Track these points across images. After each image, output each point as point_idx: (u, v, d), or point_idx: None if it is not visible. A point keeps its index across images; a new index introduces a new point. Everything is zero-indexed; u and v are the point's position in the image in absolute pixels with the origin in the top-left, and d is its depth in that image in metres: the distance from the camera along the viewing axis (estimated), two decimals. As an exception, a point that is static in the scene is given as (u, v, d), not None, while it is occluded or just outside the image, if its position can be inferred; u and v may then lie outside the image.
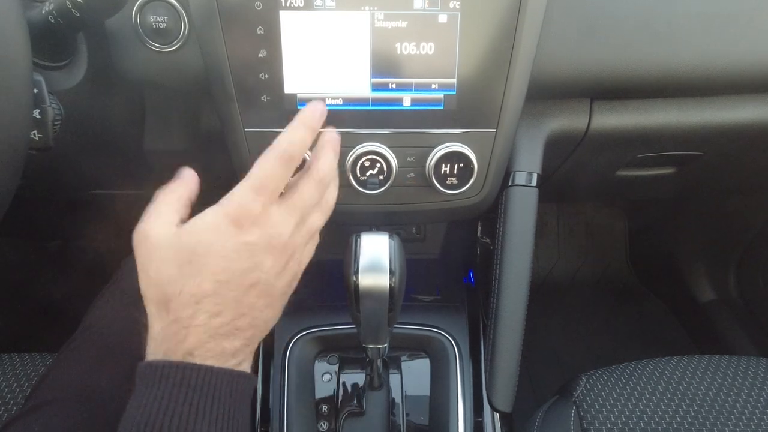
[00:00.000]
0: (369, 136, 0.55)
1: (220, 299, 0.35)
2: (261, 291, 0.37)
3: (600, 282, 1.41)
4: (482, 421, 0.69)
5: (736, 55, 0.55)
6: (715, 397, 0.61)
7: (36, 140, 0.44)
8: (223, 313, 0.35)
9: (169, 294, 0.35)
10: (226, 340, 0.35)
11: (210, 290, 0.35)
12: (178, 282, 0.35)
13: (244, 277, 0.36)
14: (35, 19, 0.44)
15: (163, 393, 0.33)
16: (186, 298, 0.35)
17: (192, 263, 0.35)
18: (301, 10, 0.50)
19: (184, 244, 0.36)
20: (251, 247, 0.36)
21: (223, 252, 0.35)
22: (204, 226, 0.36)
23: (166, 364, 0.34)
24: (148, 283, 0.37)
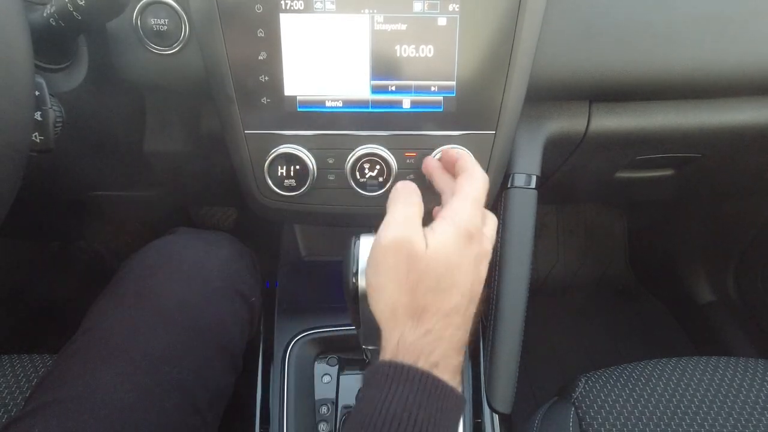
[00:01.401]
0: (369, 138, 0.56)
1: (464, 312, 0.37)
2: (475, 303, 0.39)
3: (599, 283, 1.41)
4: (481, 422, 0.69)
5: (734, 57, 0.56)
6: (714, 398, 0.61)
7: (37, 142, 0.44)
8: (463, 327, 0.37)
9: (425, 305, 0.37)
10: (459, 355, 0.37)
11: (457, 304, 0.37)
12: (434, 294, 0.37)
13: (476, 291, 0.39)
14: (37, 21, 0.44)
15: (406, 394, 0.34)
16: (440, 310, 0.37)
17: (446, 277, 0.37)
18: (301, 12, 0.50)
19: (441, 257, 0.37)
20: (478, 257, 0.39)
21: (465, 265, 0.38)
22: (451, 242, 0.38)
23: (414, 369, 0.35)
24: (403, 292, 0.37)
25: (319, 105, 0.54)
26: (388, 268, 0.38)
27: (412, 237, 0.38)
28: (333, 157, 0.56)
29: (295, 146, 0.55)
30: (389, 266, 0.38)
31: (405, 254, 0.37)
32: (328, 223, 0.66)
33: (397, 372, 0.35)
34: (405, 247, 0.38)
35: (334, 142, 0.56)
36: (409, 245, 0.38)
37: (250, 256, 0.68)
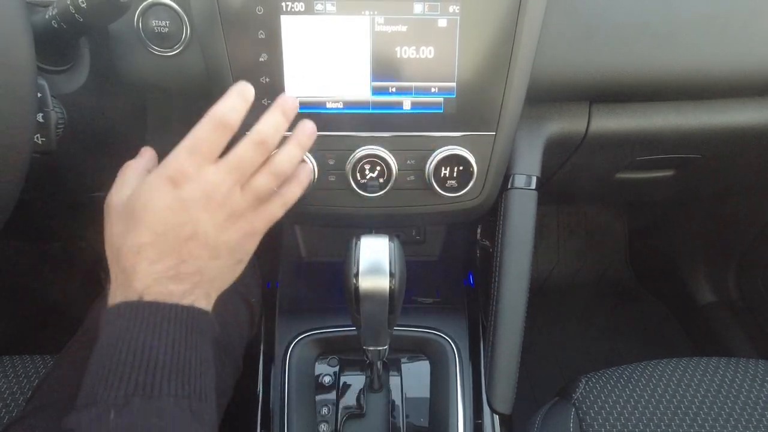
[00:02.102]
0: (369, 139, 0.56)
1: (158, 248, 0.39)
2: (201, 243, 0.41)
3: (600, 284, 1.41)
4: (482, 422, 0.69)
5: (734, 58, 0.56)
6: (715, 399, 0.61)
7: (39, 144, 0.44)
8: (162, 260, 0.39)
9: (117, 248, 0.40)
10: (172, 283, 0.39)
11: (148, 241, 0.39)
12: (122, 236, 0.40)
13: (180, 230, 0.40)
14: (39, 23, 0.44)
15: (122, 328, 0.37)
16: (128, 249, 0.39)
17: (133, 219, 0.40)
18: (301, 14, 0.50)
19: (129, 204, 0.41)
20: (185, 202, 0.40)
21: (158, 207, 0.40)
22: (145, 187, 0.41)
23: (121, 305, 0.38)
24: (106, 244, 0.42)
25: (319, 106, 0.54)
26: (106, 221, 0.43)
27: (108, 199, 0.43)
28: (333, 158, 0.56)
29: None
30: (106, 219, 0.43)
31: (105, 214, 0.43)
32: (328, 223, 0.66)
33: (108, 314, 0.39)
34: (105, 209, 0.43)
35: (334, 143, 0.56)
36: (106, 206, 0.43)
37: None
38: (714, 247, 1.23)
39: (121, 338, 0.37)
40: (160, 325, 0.37)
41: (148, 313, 0.37)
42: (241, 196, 0.42)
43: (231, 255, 0.43)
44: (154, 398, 0.35)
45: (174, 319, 0.38)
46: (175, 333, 0.38)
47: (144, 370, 0.36)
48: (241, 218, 0.43)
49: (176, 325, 0.38)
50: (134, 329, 0.37)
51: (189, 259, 0.40)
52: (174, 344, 0.37)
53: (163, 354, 0.37)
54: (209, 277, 0.42)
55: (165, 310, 0.38)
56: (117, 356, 0.36)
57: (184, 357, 0.37)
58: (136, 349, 0.36)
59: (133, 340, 0.36)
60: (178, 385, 0.36)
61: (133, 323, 0.37)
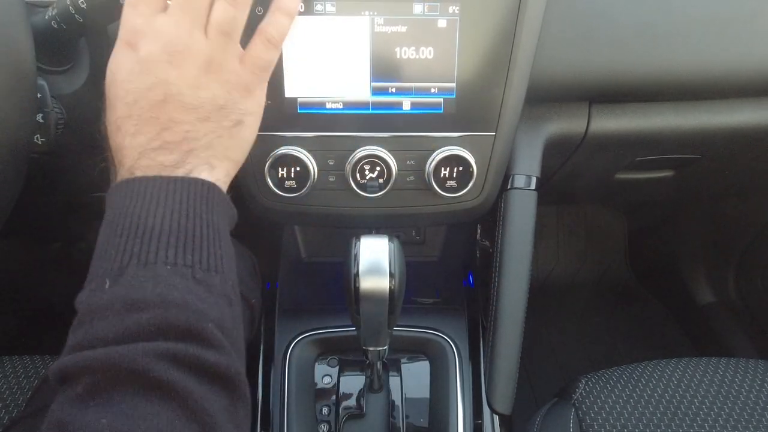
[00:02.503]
0: (369, 139, 0.56)
1: (134, 119, 0.37)
2: (176, 104, 0.37)
3: (599, 284, 1.41)
4: (482, 423, 0.69)
5: (733, 58, 0.56)
6: (714, 399, 0.61)
7: (39, 144, 0.44)
8: (141, 131, 0.37)
9: (108, 132, 0.39)
10: (160, 155, 0.37)
11: (123, 113, 0.37)
12: (107, 119, 0.39)
13: (149, 93, 0.37)
14: (39, 24, 0.44)
15: (119, 205, 0.36)
16: (111, 128, 0.38)
17: (108, 96, 0.38)
18: (301, 14, 0.50)
19: (106, 84, 0.39)
20: (146, 62, 0.37)
21: (122, 76, 0.37)
22: (110, 62, 0.39)
23: (115, 185, 0.37)
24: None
25: (319, 107, 0.54)
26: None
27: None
28: (333, 158, 0.56)
29: (296, 148, 0.55)
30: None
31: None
32: (328, 224, 0.66)
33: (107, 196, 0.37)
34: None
35: (334, 143, 0.56)
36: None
37: (250, 258, 0.68)
38: (714, 247, 1.23)
39: (119, 214, 0.35)
40: (152, 196, 0.35)
41: (142, 186, 0.36)
42: (205, 40, 0.38)
43: (223, 114, 0.39)
44: (149, 265, 0.33)
45: (170, 189, 0.36)
46: (173, 203, 0.35)
47: (140, 240, 0.34)
48: (219, 68, 0.38)
49: (173, 195, 0.36)
50: (131, 204, 0.35)
51: (171, 126, 0.37)
52: (172, 214, 0.35)
53: (159, 224, 0.35)
54: (204, 143, 0.38)
55: (159, 182, 0.36)
56: (115, 231, 0.35)
57: (185, 227, 0.35)
58: (132, 222, 0.34)
59: (129, 214, 0.35)
60: (178, 254, 0.34)
61: (129, 199, 0.35)
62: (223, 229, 0.38)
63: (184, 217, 0.35)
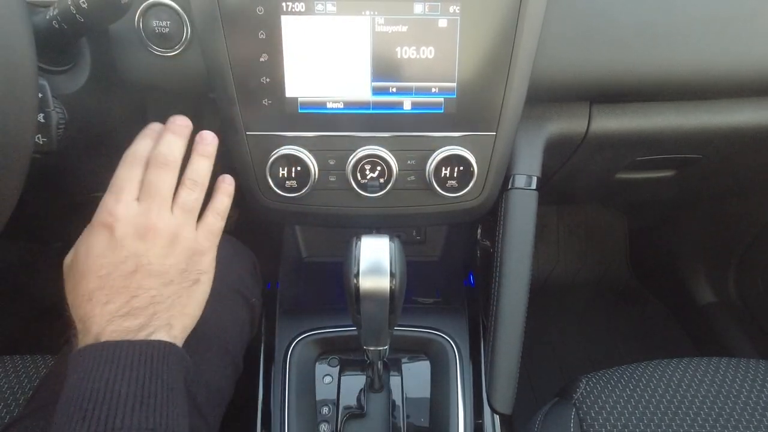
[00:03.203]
0: (369, 139, 0.56)
1: (106, 290, 0.41)
2: (145, 273, 0.42)
3: (600, 284, 1.41)
4: (482, 422, 0.69)
5: (734, 58, 0.56)
6: (715, 399, 0.61)
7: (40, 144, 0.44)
8: (112, 300, 0.41)
9: (71, 300, 0.43)
10: (126, 320, 0.41)
11: (96, 286, 0.41)
12: (74, 289, 0.43)
13: (123, 266, 0.42)
14: (40, 24, 0.44)
15: (84, 370, 0.38)
16: (80, 300, 0.42)
17: (79, 270, 0.43)
18: (302, 14, 0.50)
19: (75, 259, 0.44)
20: (120, 240, 0.43)
21: (98, 252, 0.42)
22: (84, 239, 0.44)
23: (80, 350, 0.40)
24: (68, 302, 0.44)
25: (320, 106, 0.54)
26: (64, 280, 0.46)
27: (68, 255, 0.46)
28: (334, 158, 0.56)
29: (296, 147, 0.55)
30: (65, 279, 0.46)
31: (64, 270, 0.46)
32: (329, 224, 0.66)
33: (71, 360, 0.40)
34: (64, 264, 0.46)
35: (335, 143, 0.56)
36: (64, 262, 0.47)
37: (250, 258, 0.68)
38: (714, 247, 1.23)
39: (84, 379, 0.38)
40: (119, 360, 0.38)
41: (107, 351, 0.39)
42: (170, 217, 0.45)
43: (184, 276, 0.45)
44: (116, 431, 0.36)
45: (133, 353, 0.39)
46: (138, 367, 0.38)
47: (107, 406, 0.36)
48: (181, 238, 0.45)
49: (136, 358, 0.39)
50: (96, 369, 0.38)
51: (140, 293, 0.42)
52: (137, 378, 0.38)
53: (126, 388, 0.37)
54: (166, 305, 0.43)
55: (123, 347, 0.39)
56: (80, 397, 0.37)
57: (148, 389, 0.38)
58: (99, 387, 0.37)
59: (95, 379, 0.37)
60: (141, 418, 0.37)
61: (95, 363, 0.38)
62: (180, 387, 0.41)
63: (147, 380, 0.38)
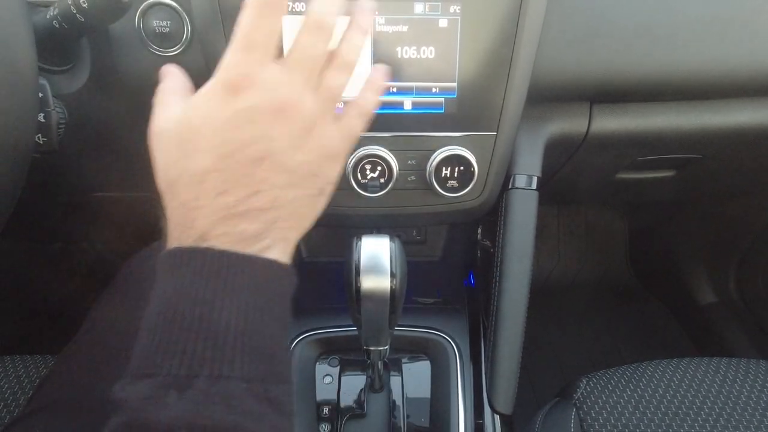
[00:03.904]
0: (370, 139, 0.56)
1: (224, 175, 0.31)
2: (274, 164, 0.32)
3: (600, 284, 1.41)
4: (483, 423, 0.69)
5: (735, 58, 0.56)
6: (715, 399, 0.61)
7: (40, 143, 0.44)
8: (230, 190, 0.31)
9: (173, 177, 0.33)
10: (243, 222, 0.31)
11: (211, 166, 0.32)
12: (179, 163, 0.33)
13: (249, 148, 0.32)
14: (40, 23, 0.44)
15: (182, 281, 0.30)
16: (188, 178, 0.32)
17: (191, 140, 0.32)
18: (303, 14, 0.50)
19: (183, 122, 0.33)
20: (251, 112, 0.32)
21: (220, 122, 0.32)
22: (199, 99, 0.33)
23: (183, 250, 0.31)
24: (157, 172, 0.34)
25: (320, 106, 0.54)
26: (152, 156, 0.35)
27: (155, 121, 0.35)
28: (334, 158, 0.56)
29: None
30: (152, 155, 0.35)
31: (153, 139, 0.35)
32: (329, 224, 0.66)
33: (168, 258, 0.31)
34: (156, 123, 0.35)
35: None
36: (153, 129, 0.35)
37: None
38: (714, 247, 1.23)
39: (181, 295, 0.29)
40: (231, 282, 0.30)
41: (216, 264, 0.30)
42: (311, 101, 0.34)
43: (311, 181, 0.35)
44: (222, 379, 0.28)
45: (248, 274, 0.30)
46: (249, 295, 0.30)
47: (211, 342, 0.28)
48: (319, 132, 0.35)
49: (250, 283, 0.30)
50: (198, 285, 0.29)
51: (263, 188, 0.32)
52: (247, 310, 0.30)
53: (234, 322, 0.29)
54: (286, 212, 0.33)
55: (237, 262, 0.30)
56: (178, 318, 0.29)
57: (259, 326, 0.30)
58: (201, 312, 0.29)
59: (197, 300, 0.29)
60: (252, 365, 0.29)
61: (198, 276, 0.30)
62: (288, 325, 0.33)
63: (258, 313, 0.30)
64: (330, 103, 0.36)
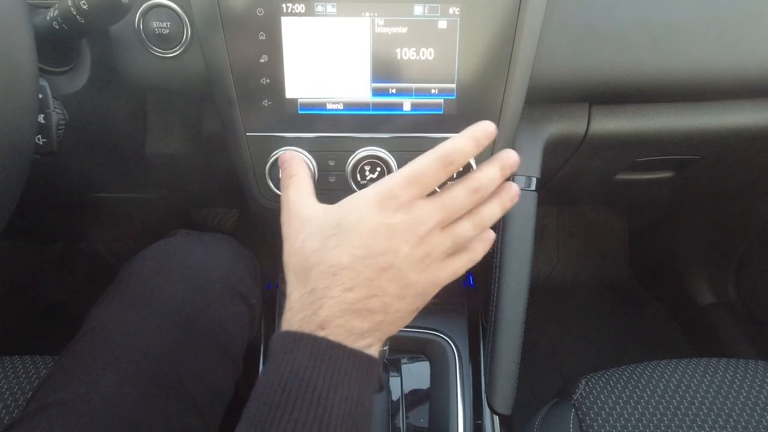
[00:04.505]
0: (369, 140, 0.56)
1: (354, 274, 0.36)
2: (393, 276, 0.37)
3: (599, 284, 1.41)
4: (482, 423, 0.69)
5: (733, 60, 0.56)
6: (714, 400, 0.61)
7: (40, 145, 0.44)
8: (355, 288, 0.36)
9: (310, 264, 0.37)
10: (356, 319, 0.36)
11: (347, 263, 0.36)
12: (319, 253, 0.37)
13: (380, 257, 0.37)
14: (40, 25, 0.44)
15: (300, 362, 0.33)
16: (324, 268, 0.36)
17: (336, 236, 0.37)
18: (302, 16, 0.50)
19: (333, 218, 0.38)
20: (391, 229, 0.37)
21: (364, 228, 0.37)
22: (353, 203, 0.38)
23: (303, 335, 0.35)
24: (292, 253, 0.39)
25: (319, 107, 0.54)
26: (286, 235, 0.41)
27: (298, 205, 0.41)
28: (334, 159, 0.57)
29: (296, 148, 0.56)
30: (287, 233, 0.41)
31: (295, 220, 0.41)
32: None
33: (287, 339, 0.35)
34: (291, 214, 0.41)
35: (334, 144, 0.56)
36: (295, 211, 0.41)
37: (250, 258, 0.68)
38: (714, 247, 1.23)
39: (296, 373, 0.33)
40: (340, 371, 0.34)
41: (330, 352, 0.34)
42: (440, 238, 0.40)
43: (414, 299, 0.40)
44: None
45: (355, 367, 0.35)
46: (351, 386, 0.34)
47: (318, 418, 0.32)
48: (434, 262, 0.40)
49: (355, 375, 0.35)
50: (312, 368, 0.33)
51: (378, 294, 0.37)
52: (349, 399, 0.34)
53: (337, 408, 0.33)
54: (391, 319, 0.38)
55: (348, 354, 0.35)
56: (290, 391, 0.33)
57: (356, 414, 0.34)
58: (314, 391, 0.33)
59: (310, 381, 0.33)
60: None
61: (312, 361, 0.34)
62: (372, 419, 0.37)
63: (356, 405, 0.34)
64: (453, 246, 0.41)
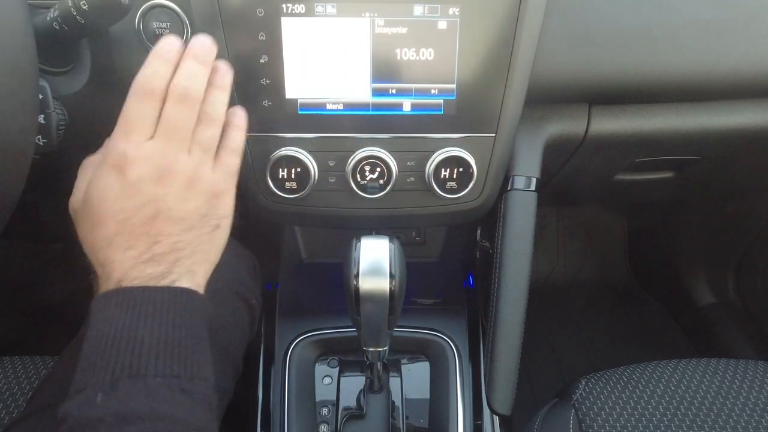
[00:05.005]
0: (369, 140, 0.56)
1: (126, 235, 0.40)
2: (167, 218, 0.40)
3: (599, 285, 1.41)
4: (481, 423, 0.69)
5: (733, 60, 0.56)
6: (714, 400, 0.61)
7: (40, 145, 0.44)
8: (134, 245, 0.39)
9: (90, 244, 0.41)
10: (149, 267, 0.39)
11: (114, 231, 0.40)
12: (91, 233, 0.41)
13: (141, 211, 0.40)
14: (40, 25, 0.44)
15: (107, 314, 0.37)
16: (99, 244, 0.40)
17: (94, 214, 0.41)
18: (302, 16, 0.50)
19: (87, 201, 0.41)
20: (136, 184, 0.40)
21: (113, 195, 0.40)
22: (95, 181, 0.41)
23: (102, 295, 0.39)
24: (82, 244, 0.42)
25: (320, 108, 0.54)
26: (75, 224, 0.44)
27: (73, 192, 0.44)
28: (334, 159, 0.57)
29: (296, 149, 0.56)
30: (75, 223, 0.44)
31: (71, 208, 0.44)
32: (328, 225, 0.66)
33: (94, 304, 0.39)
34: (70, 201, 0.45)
35: (334, 144, 0.56)
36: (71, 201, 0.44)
37: (250, 259, 0.69)
38: (714, 248, 1.23)
39: (106, 325, 0.37)
40: (142, 307, 0.37)
41: (129, 298, 0.38)
42: (188, 158, 0.42)
43: (204, 222, 0.43)
44: (140, 377, 0.35)
45: (156, 300, 0.38)
46: (160, 314, 0.38)
47: (130, 352, 0.36)
48: (200, 181, 0.42)
49: (159, 305, 0.38)
50: (118, 316, 0.37)
51: (161, 239, 0.40)
52: (160, 326, 0.37)
53: (149, 335, 0.37)
54: (188, 252, 0.41)
55: (146, 293, 0.38)
56: (103, 343, 0.36)
57: (172, 337, 0.37)
58: (121, 334, 0.36)
59: (118, 326, 0.37)
60: (166, 365, 0.36)
61: (117, 310, 0.37)
62: (204, 335, 0.40)
63: (171, 327, 0.38)
64: (205, 154, 0.43)
